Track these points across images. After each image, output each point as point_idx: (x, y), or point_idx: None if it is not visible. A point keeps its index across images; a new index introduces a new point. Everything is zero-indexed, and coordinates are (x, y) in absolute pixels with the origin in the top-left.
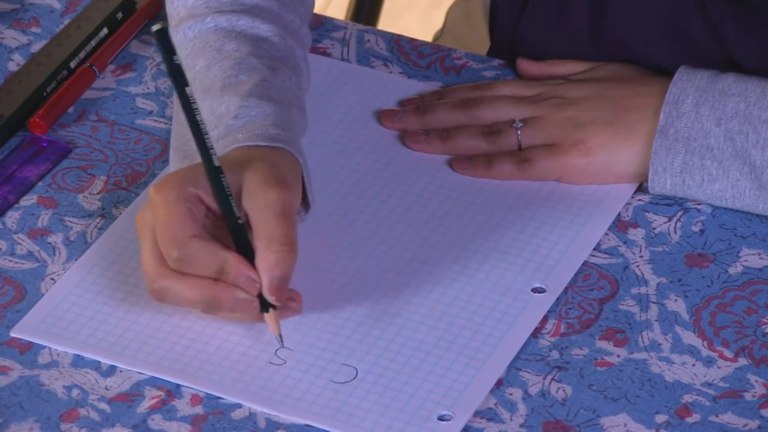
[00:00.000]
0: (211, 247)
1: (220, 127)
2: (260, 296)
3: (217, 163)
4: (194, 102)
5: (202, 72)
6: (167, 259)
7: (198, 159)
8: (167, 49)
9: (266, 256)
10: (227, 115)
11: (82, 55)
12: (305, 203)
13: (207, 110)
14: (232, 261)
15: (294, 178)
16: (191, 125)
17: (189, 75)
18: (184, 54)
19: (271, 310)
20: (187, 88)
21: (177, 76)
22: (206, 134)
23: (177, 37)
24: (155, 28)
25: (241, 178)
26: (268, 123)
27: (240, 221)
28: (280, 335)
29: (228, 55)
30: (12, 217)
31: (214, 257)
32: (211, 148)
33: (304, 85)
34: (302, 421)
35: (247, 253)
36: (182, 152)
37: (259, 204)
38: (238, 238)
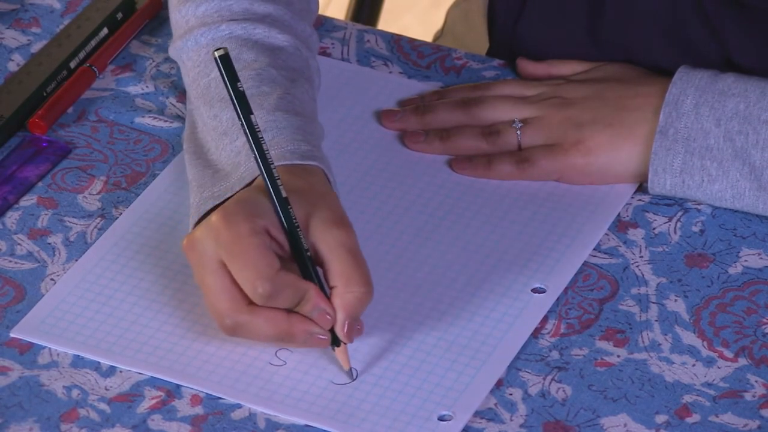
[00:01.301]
0: (294, 280)
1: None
2: (331, 330)
3: (284, 194)
4: (260, 131)
5: (219, 80)
6: (251, 293)
7: (229, 173)
8: (230, 74)
9: (345, 295)
10: None
11: (82, 55)
12: None
13: (228, 120)
14: (312, 292)
15: (345, 212)
16: (258, 155)
17: (203, 82)
18: (198, 61)
19: (342, 344)
20: (252, 116)
21: (241, 103)
22: (273, 163)
23: (187, 44)
24: (218, 53)
25: (304, 211)
26: (298, 138)
27: (308, 253)
28: (351, 369)
29: (247, 65)
30: (12, 218)
31: (296, 290)
32: (278, 178)
33: (316, 96)
34: (302, 422)
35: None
36: (203, 160)
37: (332, 243)
38: (306, 269)
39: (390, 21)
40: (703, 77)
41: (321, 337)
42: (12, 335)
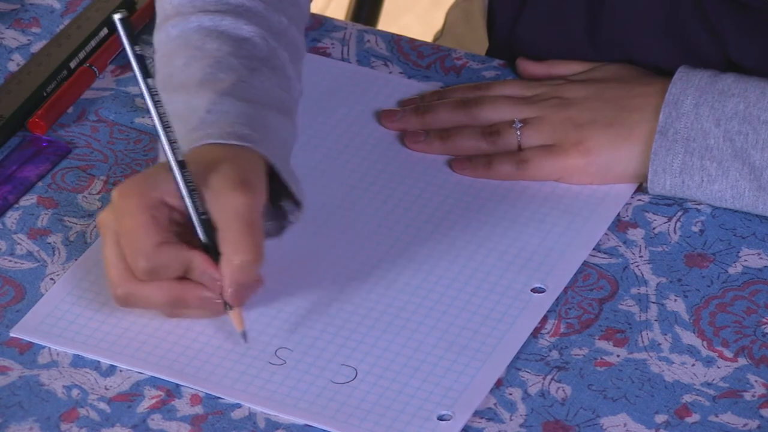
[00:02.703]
0: (177, 251)
1: (193, 119)
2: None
3: (180, 157)
4: (157, 94)
5: (180, 69)
6: (134, 269)
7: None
8: (129, 38)
9: (231, 262)
10: (201, 108)
11: (81, 55)
12: (296, 202)
13: (182, 104)
14: (198, 260)
15: (260, 180)
16: (155, 117)
17: (167, 71)
18: (166, 51)
19: (234, 307)
20: (150, 80)
21: (139, 66)
22: (169, 127)
23: (160, 35)
24: (117, 17)
25: (207, 177)
26: (241, 122)
27: (204, 217)
28: (244, 332)
29: (208, 53)
30: (12, 217)
31: (180, 260)
32: (175, 142)
33: (295, 87)
34: (302, 422)
35: (212, 249)
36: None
37: (225, 208)
38: (202, 233)
39: (390, 21)
40: (703, 77)
41: (216, 301)
42: (12, 335)
